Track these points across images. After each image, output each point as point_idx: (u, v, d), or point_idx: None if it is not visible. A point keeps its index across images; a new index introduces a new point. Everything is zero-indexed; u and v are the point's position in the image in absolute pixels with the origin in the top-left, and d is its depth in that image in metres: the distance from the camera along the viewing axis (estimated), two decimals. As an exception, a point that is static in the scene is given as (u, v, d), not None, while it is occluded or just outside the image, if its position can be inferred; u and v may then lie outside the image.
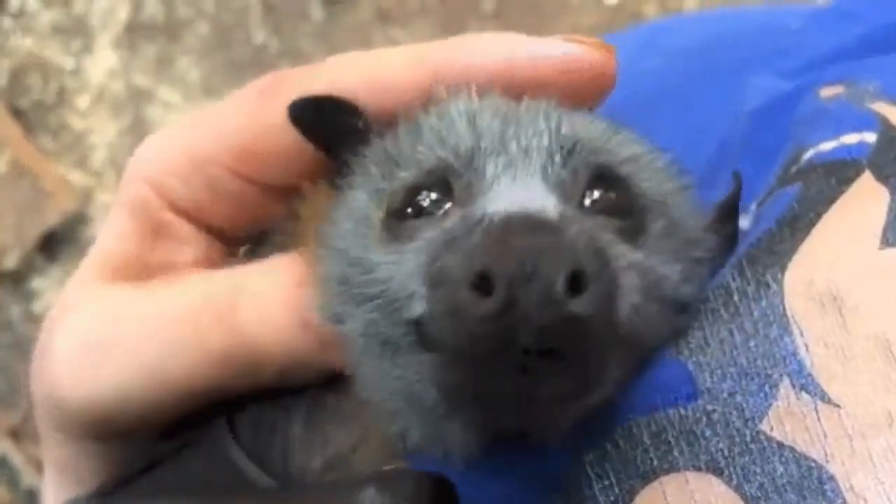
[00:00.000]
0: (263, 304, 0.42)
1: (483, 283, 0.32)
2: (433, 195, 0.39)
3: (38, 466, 1.54)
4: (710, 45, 0.63)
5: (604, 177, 0.39)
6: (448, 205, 0.39)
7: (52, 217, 1.49)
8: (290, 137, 0.43)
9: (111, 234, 0.47)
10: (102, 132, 1.50)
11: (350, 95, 0.42)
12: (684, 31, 0.67)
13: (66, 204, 1.48)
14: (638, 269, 0.37)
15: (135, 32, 1.51)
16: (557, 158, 0.38)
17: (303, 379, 0.42)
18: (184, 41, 1.52)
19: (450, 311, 0.33)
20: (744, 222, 0.47)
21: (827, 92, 0.44)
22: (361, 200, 0.41)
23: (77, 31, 1.51)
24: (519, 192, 0.37)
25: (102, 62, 1.51)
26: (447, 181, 0.39)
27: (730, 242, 0.42)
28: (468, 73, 0.42)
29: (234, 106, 0.45)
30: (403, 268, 0.37)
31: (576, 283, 0.32)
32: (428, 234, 0.37)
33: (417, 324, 0.35)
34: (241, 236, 0.47)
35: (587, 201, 0.38)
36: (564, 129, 0.39)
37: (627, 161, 0.40)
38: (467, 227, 0.35)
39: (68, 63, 1.50)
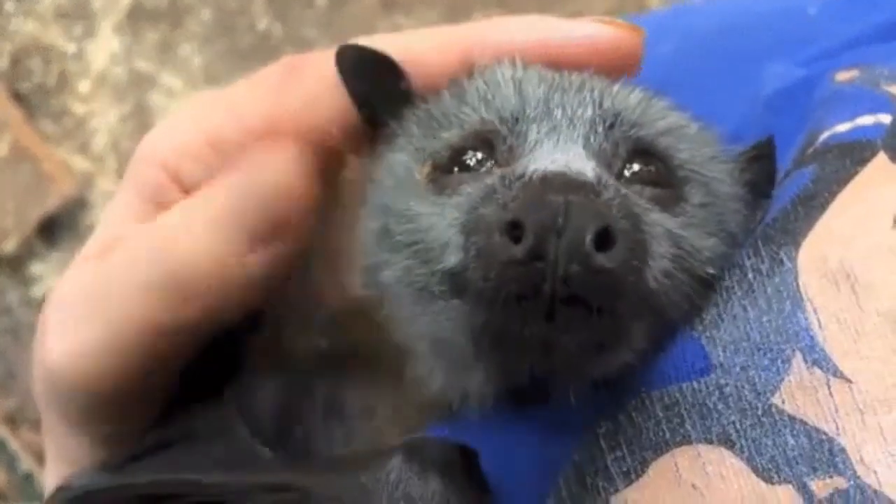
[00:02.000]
0: (191, 223, 0.41)
1: (515, 230, 0.33)
2: (478, 154, 0.40)
3: (35, 452, 1.54)
4: (726, 30, 0.63)
5: (643, 150, 0.40)
6: (490, 163, 0.40)
7: (52, 202, 1.49)
8: (311, 119, 0.43)
9: (117, 216, 0.47)
10: (104, 117, 1.49)
11: None
12: (700, 17, 0.67)
13: (67, 189, 1.48)
14: (671, 236, 0.38)
15: (137, 17, 1.51)
16: (600, 129, 0.40)
17: (229, 315, 0.42)
18: (187, 27, 1.52)
19: (481, 254, 0.35)
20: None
21: (842, 76, 0.44)
22: (403, 159, 0.42)
23: (79, 16, 1.51)
24: (560, 154, 0.38)
25: (105, 47, 1.50)
26: (491, 143, 0.40)
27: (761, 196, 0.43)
28: (500, 54, 0.42)
29: (255, 87, 0.45)
30: (443, 218, 0.38)
31: (604, 239, 0.33)
32: (469, 189, 0.38)
33: (452, 274, 0.36)
34: None
35: (627, 172, 0.40)
36: (607, 103, 0.41)
37: (666, 132, 0.41)
38: (507, 182, 0.36)
39: (70, 47, 1.50)
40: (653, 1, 1.31)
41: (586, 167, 0.37)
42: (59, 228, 1.52)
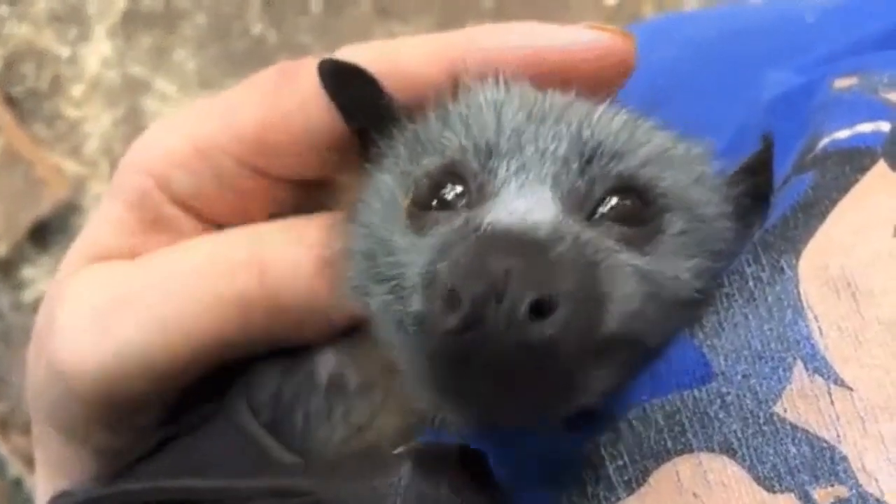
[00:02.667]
0: (290, 251, 0.42)
1: (452, 299, 0.33)
2: (456, 189, 0.40)
3: (25, 457, 1.53)
4: (725, 37, 0.63)
5: (622, 186, 0.39)
6: (464, 200, 0.39)
7: (44, 206, 1.49)
8: (306, 125, 0.43)
9: (103, 224, 0.46)
10: (97, 121, 1.49)
11: None
12: (698, 24, 0.68)
13: (59, 193, 1.48)
14: (640, 274, 0.38)
15: (132, 22, 1.51)
16: (575, 166, 0.39)
17: (318, 332, 0.43)
18: (181, 32, 1.52)
19: (421, 320, 0.35)
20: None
21: (841, 83, 0.45)
22: (388, 183, 0.42)
23: (73, 20, 1.51)
24: (521, 201, 0.38)
25: (98, 51, 1.50)
26: (465, 178, 0.40)
27: (761, 201, 0.42)
28: (491, 61, 0.42)
29: (247, 92, 0.44)
30: (415, 262, 0.38)
31: (542, 308, 0.33)
32: (441, 230, 0.38)
33: (416, 317, 0.36)
34: None
35: (602, 209, 0.39)
36: (586, 134, 0.40)
37: (649, 162, 0.40)
38: (461, 235, 0.36)
39: (64, 51, 1.50)
40: (646, 15, 1.31)
41: (546, 215, 0.37)
42: (50, 233, 1.51)
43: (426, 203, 0.40)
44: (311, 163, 0.44)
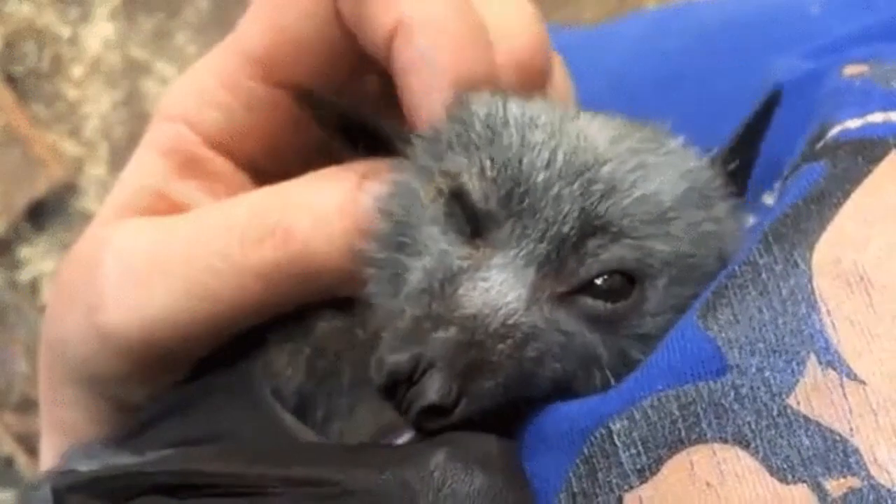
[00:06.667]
0: (318, 211, 0.42)
1: (379, 365, 0.38)
2: (470, 213, 0.42)
3: (16, 435, 1.52)
4: (730, 27, 0.63)
5: (614, 268, 0.41)
6: (472, 227, 0.41)
7: (41, 185, 1.48)
8: (311, 32, 0.44)
9: (137, 174, 0.47)
10: (96, 103, 1.48)
11: None
12: (701, 14, 0.68)
13: (56, 173, 1.47)
14: (599, 355, 0.42)
15: (134, 4, 1.50)
16: (572, 241, 0.41)
17: (350, 292, 0.43)
18: (183, 15, 1.51)
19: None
20: (768, 200, 0.48)
21: (851, 70, 0.45)
22: (410, 176, 0.43)
23: (75, 1, 1.50)
24: (504, 276, 0.40)
25: (99, 33, 1.49)
26: (476, 210, 0.41)
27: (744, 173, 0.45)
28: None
29: (253, 17, 0.46)
30: (423, 262, 0.41)
31: (440, 410, 0.37)
32: (446, 250, 0.41)
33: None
34: (276, 175, 0.47)
35: (588, 286, 0.41)
36: (601, 206, 0.41)
37: (651, 233, 0.41)
38: (440, 292, 0.40)
39: (65, 32, 1.49)
40: (648, 8, 1.31)
41: (512, 301, 0.40)
42: (47, 213, 1.51)
43: (449, 203, 0.42)
44: (327, 69, 0.46)
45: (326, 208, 0.42)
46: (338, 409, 0.44)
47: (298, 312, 0.45)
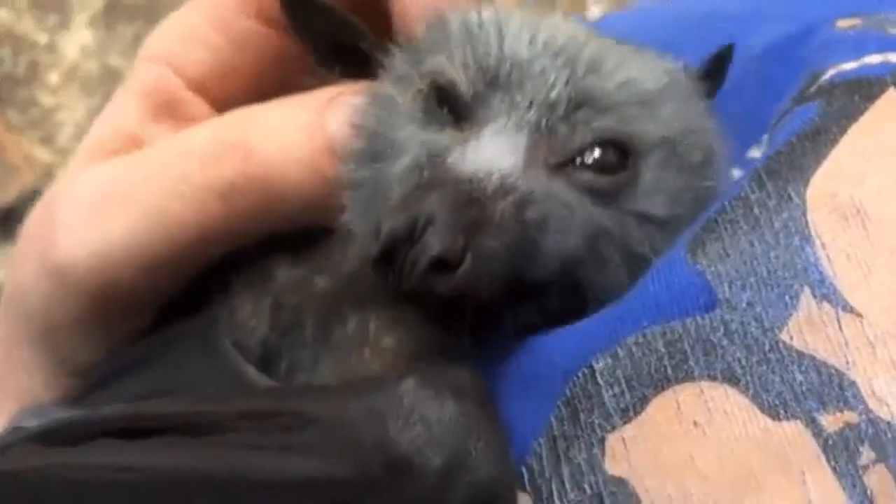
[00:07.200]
0: (282, 132, 0.41)
1: (376, 230, 0.36)
2: (451, 101, 0.41)
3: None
4: (716, 17, 0.63)
5: (605, 140, 0.40)
6: (450, 118, 0.40)
7: (12, 192, 1.46)
8: None
9: (112, 117, 0.46)
10: (72, 110, 1.46)
11: None
12: (690, 4, 0.68)
13: (28, 179, 1.45)
14: (595, 227, 0.40)
15: (113, 12, 1.49)
16: (561, 112, 0.40)
17: (315, 220, 0.41)
18: (163, 24, 1.51)
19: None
20: (755, 153, 0.46)
21: (843, 23, 0.44)
22: (387, 86, 0.42)
23: (54, 7, 1.49)
24: (496, 143, 0.39)
25: (78, 40, 1.48)
26: (459, 97, 0.41)
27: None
28: None
29: None
30: (404, 158, 0.40)
31: (444, 264, 0.35)
32: (430, 138, 0.40)
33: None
34: None
35: (580, 158, 0.40)
36: (579, 81, 0.41)
37: (638, 112, 0.41)
38: (430, 163, 0.38)
39: (42, 38, 1.48)
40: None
41: (507, 165, 0.38)
42: (16, 220, 1.48)
43: (428, 102, 0.41)
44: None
45: (290, 128, 0.41)
46: (301, 361, 0.42)
47: (258, 261, 0.43)
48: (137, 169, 0.42)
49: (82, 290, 0.42)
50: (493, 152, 0.38)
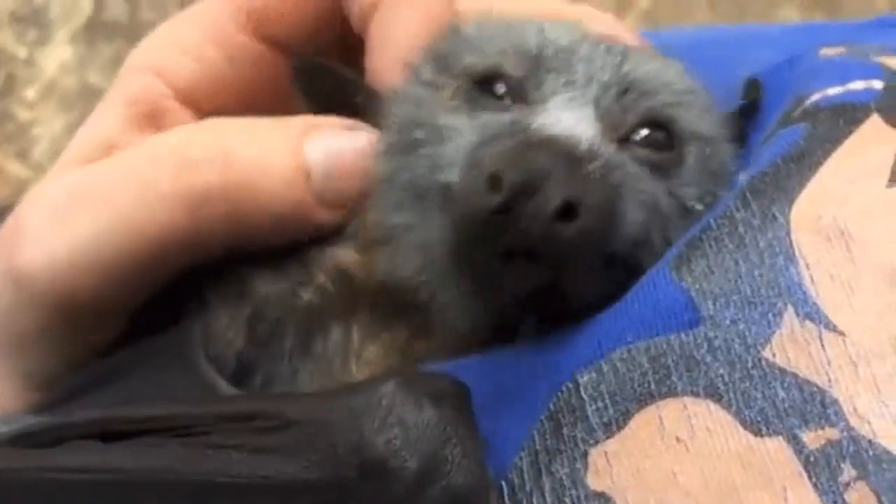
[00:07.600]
0: (262, 144, 0.41)
1: (495, 183, 0.35)
2: (502, 87, 0.42)
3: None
4: (700, 44, 0.64)
5: (652, 119, 0.43)
6: (509, 100, 0.42)
7: (-18, 207, 1.44)
8: None
9: (94, 126, 0.45)
10: (48, 125, 1.45)
11: None
12: (674, 36, 0.69)
13: (1, 194, 1.43)
14: (656, 201, 0.41)
15: (95, 30, 1.49)
16: (613, 93, 0.42)
17: (285, 238, 0.41)
18: (144, 43, 1.50)
19: (465, 193, 0.37)
20: (741, 178, 0.47)
21: (827, 51, 0.45)
22: (415, 91, 0.43)
23: (35, 22, 1.48)
24: (569, 114, 0.40)
25: (57, 56, 1.47)
26: (509, 81, 0.42)
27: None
28: None
29: None
30: (460, 137, 0.40)
31: (568, 211, 0.35)
32: (488, 118, 0.41)
33: (447, 188, 0.39)
34: None
35: (634, 136, 0.42)
36: (625, 67, 0.43)
37: (675, 100, 0.44)
38: (513, 130, 0.39)
39: (21, 52, 1.47)
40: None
41: (587, 132, 0.39)
42: (-13, 235, 1.46)
43: (471, 93, 0.42)
44: (316, 28, 0.45)
45: (270, 143, 0.41)
46: (279, 373, 0.41)
47: (234, 272, 0.43)
48: (105, 174, 0.41)
49: (47, 299, 0.41)
50: (572, 119, 0.40)
